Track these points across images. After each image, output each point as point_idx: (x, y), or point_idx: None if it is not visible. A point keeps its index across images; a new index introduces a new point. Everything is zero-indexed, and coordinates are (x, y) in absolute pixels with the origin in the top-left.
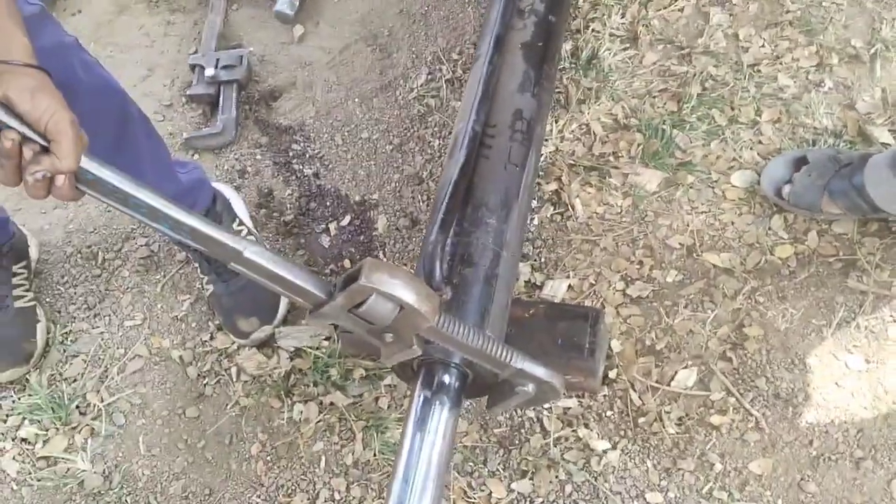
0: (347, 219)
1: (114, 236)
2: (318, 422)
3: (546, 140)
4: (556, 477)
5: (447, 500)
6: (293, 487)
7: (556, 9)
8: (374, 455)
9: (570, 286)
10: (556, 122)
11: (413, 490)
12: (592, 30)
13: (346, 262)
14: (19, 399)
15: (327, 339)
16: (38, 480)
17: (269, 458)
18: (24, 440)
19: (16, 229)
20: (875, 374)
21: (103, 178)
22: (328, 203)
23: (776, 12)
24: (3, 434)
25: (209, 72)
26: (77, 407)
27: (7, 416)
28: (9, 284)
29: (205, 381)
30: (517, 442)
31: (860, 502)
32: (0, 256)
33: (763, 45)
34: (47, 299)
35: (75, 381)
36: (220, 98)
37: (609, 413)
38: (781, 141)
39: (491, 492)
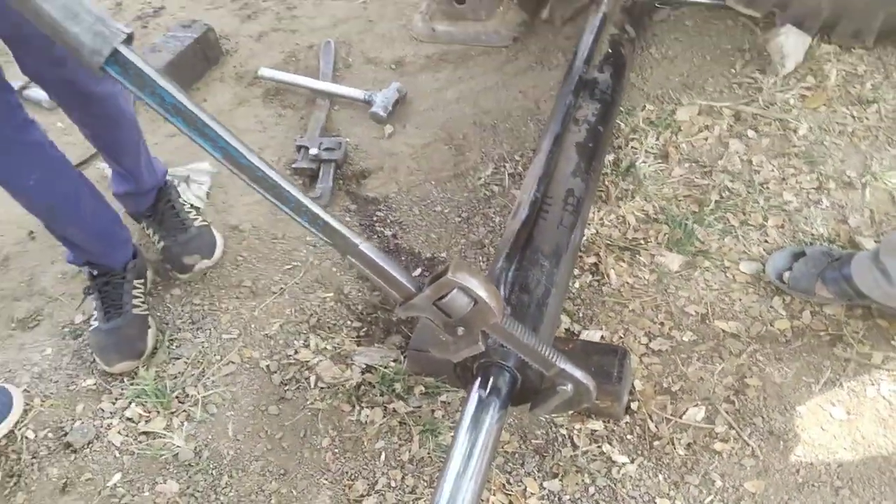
0: (419, 271)
1: (220, 271)
2: (381, 424)
3: (589, 224)
4: (582, 480)
5: (488, 491)
6: (356, 475)
7: (605, 122)
8: (428, 454)
9: (602, 336)
10: (598, 211)
11: (463, 477)
12: (631, 146)
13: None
14: (129, 385)
15: (394, 360)
16: (139, 451)
17: (336, 450)
18: (129, 419)
19: (138, 252)
20: (854, 423)
21: (254, 165)
22: (403, 257)
23: (784, 146)
24: (111, 413)
25: (313, 151)
26: (177, 396)
27: (116, 399)
28: (130, 294)
29: (286, 387)
30: (550, 451)
31: None
32: (125, 272)
33: (772, 170)
34: (158, 313)
35: (176, 377)
36: (320, 172)
37: (629, 436)
38: (784, 241)
39: (526, 487)
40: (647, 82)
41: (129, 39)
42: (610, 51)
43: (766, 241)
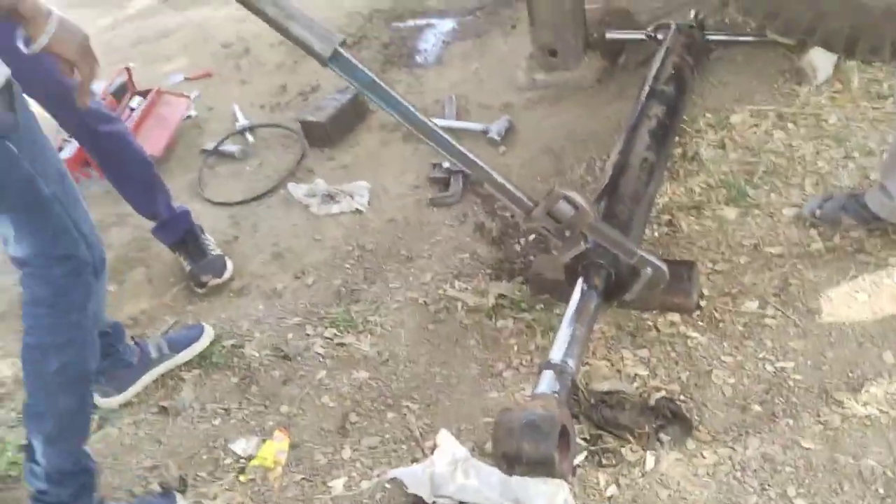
0: (532, 236)
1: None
2: (513, 328)
3: (662, 194)
4: (664, 349)
5: (595, 357)
6: (496, 359)
7: (670, 118)
8: (548, 343)
9: None
10: (670, 185)
11: (571, 340)
12: (695, 141)
13: (531, 257)
14: (325, 318)
15: (519, 291)
16: (336, 355)
17: (480, 346)
18: (327, 338)
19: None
20: (874, 301)
21: (422, 120)
22: (519, 230)
23: (818, 131)
24: (314, 335)
25: (445, 164)
26: (361, 322)
27: (316, 327)
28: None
29: (439, 313)
30: (639, 333)
31: (860, 372)
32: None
33: (808, 148)
34: (338, 279)
35: (358, 312)
36: (451, 180)
37: (700, 323)
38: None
39: (622, 356)
40: (706, 100)
41: (343, 42)
42: (673, 71)
43: (803, 195)
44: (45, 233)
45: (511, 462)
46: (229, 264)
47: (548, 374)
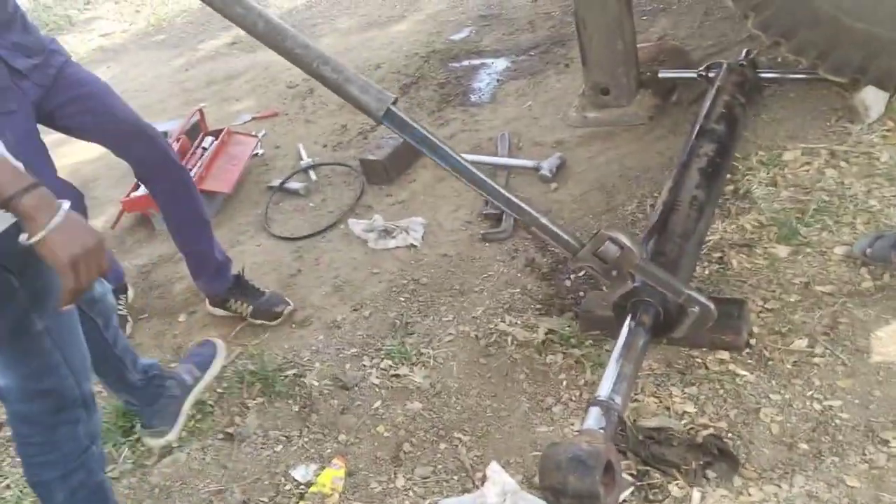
0: (582, 272)
1: (435, 281)
2: (562, 363)
3: (713, 231)
4: (713, 386)
5: (644, 394)
6: (545, 394)
7: (721, 156)
8: (597, 379)
9: None
10: (722, 223)
11: (619, 376)
12: (747, 179)
13: (581, 294)
14: (381, 349)
15: (569, 326)
16: (391, 386)
17: (530, 380)
18: (382, 369)
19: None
20: None
21: (470, 170)
22: (569, 266)
23: (870, 170)
24: (370, 366)
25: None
26: (415, 354)
27: (372, 358)
28: None
29: (490, 347)
30: (689, 371)
31: None
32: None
33: (860, 186)
34: (392, 311)
35: (412, 344)
36: (503, 216)
37: (749, 361)
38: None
39: (671, 392)
40: (759, 137)
41: (395, 101)
42: (724, 110)
43: (854, 234)
44: (29, 366)
45: (557, 495)
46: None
47: (595, 411)
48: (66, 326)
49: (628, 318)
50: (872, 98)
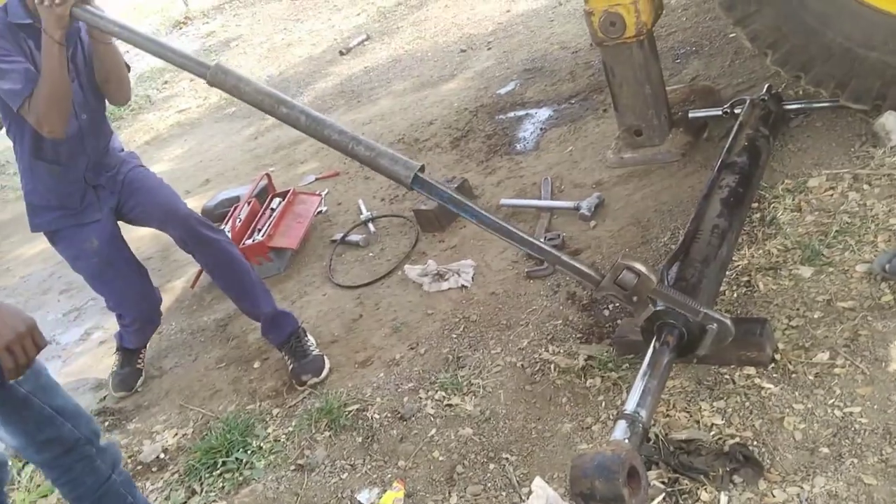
0: (618, 303)
1: (483, 317)
2: (601, 386)
3: (741, 257)
4: (740, 399)
5: (674, 409)
6: (586, 414)
7: (743, 186)
8: None
9: None
10: (748, 249)
11: (644, 393)
12: (772, 206)
13: (618, 322)
14: (436, 381)
15: (606, 352)
16: (445, 415)
17: (572, 403)
18: (437, 400)
19: None
20: None
21: (500, 224)
22: (594, 295)
23: (892, 191)
24: (426, 398)
25: (541, 240)
26: (466, 385)
27: (427, 391)
28: None
29: (534, 375)
30: (717, 387)
31: None
32: None
33: (882, 207)
34: (446, 347)
35: (463, 376)
36: None
37: (774, 375)
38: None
39: (700, 406)
40: (787, 166)
41: (422, 169)
42: (746, 143)
43: (875, 252)
44: (28, 424)
45: (586, 500)
46: (327, 363)
47: (621, 424)
48: (48, 386)
49: (654, 340)
50: (893, 122)
